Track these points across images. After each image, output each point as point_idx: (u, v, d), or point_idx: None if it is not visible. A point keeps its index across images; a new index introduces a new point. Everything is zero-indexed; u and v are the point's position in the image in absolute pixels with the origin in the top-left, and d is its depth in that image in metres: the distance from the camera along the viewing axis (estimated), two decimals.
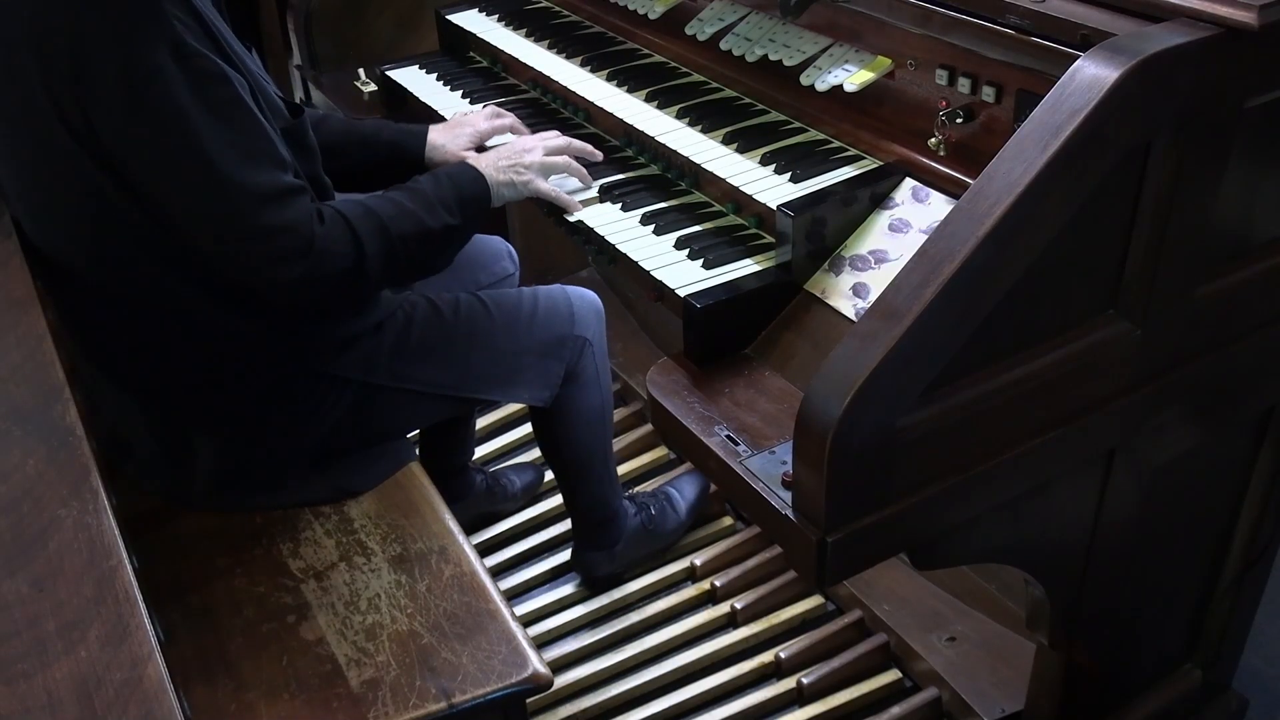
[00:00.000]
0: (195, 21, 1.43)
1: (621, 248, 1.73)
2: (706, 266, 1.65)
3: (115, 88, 1.38)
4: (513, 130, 2.03)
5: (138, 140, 1.41)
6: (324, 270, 1.51)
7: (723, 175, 1.74)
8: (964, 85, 1.58)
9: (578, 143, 1.91)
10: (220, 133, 1.42)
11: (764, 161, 1.75)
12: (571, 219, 1.82)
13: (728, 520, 2.50)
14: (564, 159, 1.85)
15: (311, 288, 1.53)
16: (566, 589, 2.38)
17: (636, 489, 2.49)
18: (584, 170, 1.88)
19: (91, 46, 1.38)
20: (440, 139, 1.95)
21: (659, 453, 2.68)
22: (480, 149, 1.97)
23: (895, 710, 2.07)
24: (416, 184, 1.68)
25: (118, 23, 1.37)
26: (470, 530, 2.42)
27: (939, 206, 1.58)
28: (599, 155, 1.92)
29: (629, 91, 2.03)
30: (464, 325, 1.85)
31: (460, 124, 2.01)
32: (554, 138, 1.89)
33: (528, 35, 2.35)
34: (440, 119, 2.18)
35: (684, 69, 2.10)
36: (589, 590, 2.36)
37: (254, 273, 1.50)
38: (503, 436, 2.74)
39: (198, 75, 1.40)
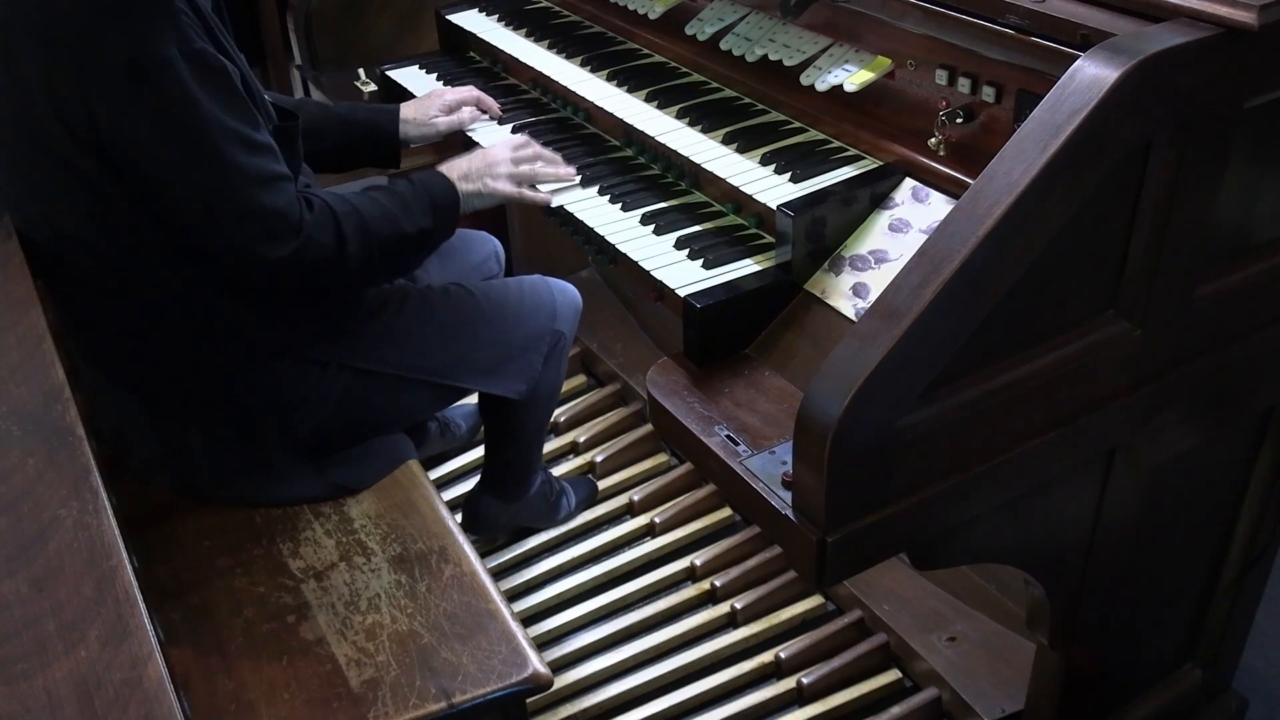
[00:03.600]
0: (199, 19, 1.48)
1: (621, 248, 1.73)
2: (706, 266, 1.65)
3: (122, 77, 1.42)
4: (479, 103, 2.13)
5: (141, 127, 1.45)
6: (309, 255, 1.58)
7: (723, 175, 1.74)
8: (964, 85, 1.58)
9: (547, 153, 1.92)
10: (222, 119, 1.48)
11: (764, 161, 1.75)
12: (574, 216, 1.83)
13: (728, 519, 2.51)
14: (530, 169, 1.88)
15: (295, 270, 1.58)
16: (566, 589, 2.37)
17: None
18: (559, 171, 1.90)
19: (100, 39, 1.42)
20: (412, 113, 2.06)
21: (660, 459, 2.68)
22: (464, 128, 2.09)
23: (895, 710, 2.07)
24: (395, 187, 1.75)
25: (129, 18, 1.42)
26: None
27: (939, 206, 1.58)
28: (571, 173, 1.91)
29: (629, 91, 2.04)
30: (452, 314, 1.90)
31: (429, 97, 2.11)
32: (523, 146, 1.90)
33: (528, 35, 2.35)
34: None
35: (684, 69, 2.10)
36: (587, 590, 2.37)
37: (244, 251, 1.55)
38: None
39: (202, 67, 1.46)
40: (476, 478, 2.63)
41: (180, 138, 1.46)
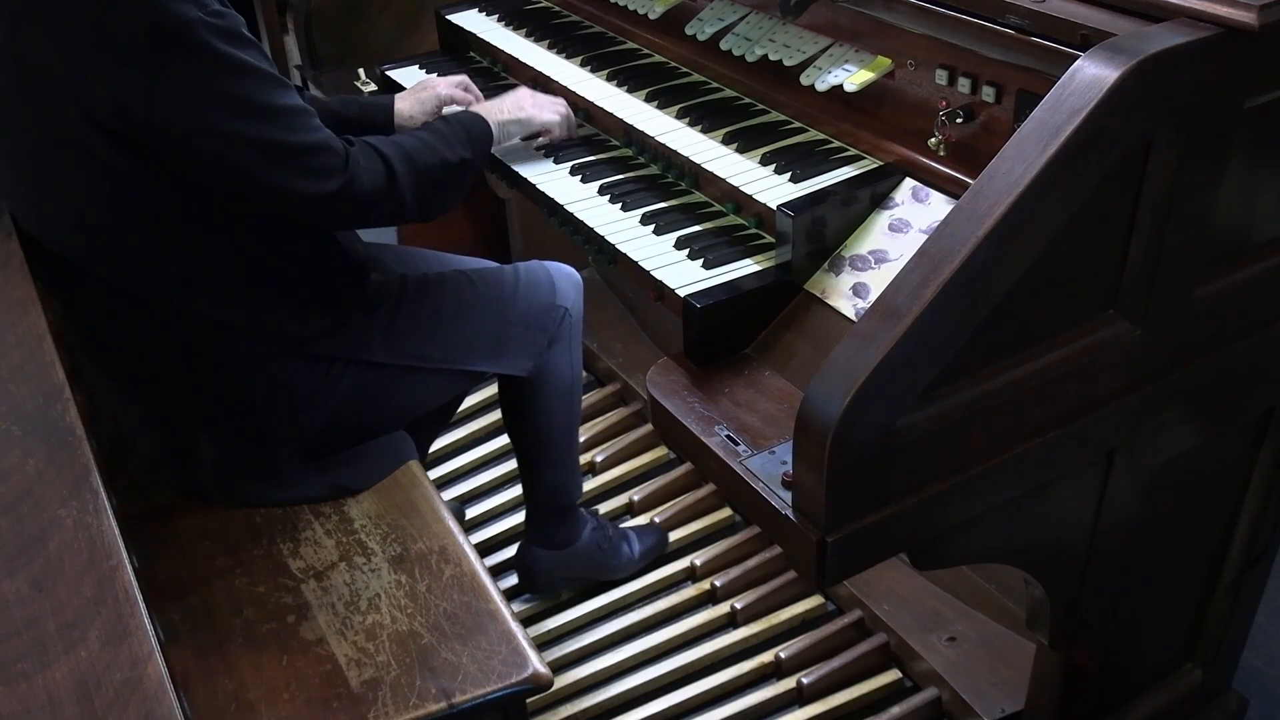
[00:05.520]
0: None
1: (621, 248, 1.73)
2: (706, 266, 1.65)
3: (145, 49, 1.42)
4: (475, 95, 2.13)
5: (175, 95, 1.45)
6: (361, 185, 1.61)
7: (723, 175, 1.74)
8: (964, 85, 1.58)
9: (567, 109, 2.05)
10: (252, 66, 1.50)
11: (764, 161, 1.75)
12: (574, 216, 1.83)
13: (728, 519, 2.51)
14: (555, 114, 2.01)
15: (350, 203, 1.61)
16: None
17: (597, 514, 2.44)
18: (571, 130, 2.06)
19: (117, 15, 1.42)
20: (407, 108, 2.05)
21: (659, 452, 2.68)
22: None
23: (895, 710, 2.07)
24: (429, 125, 1.84)
25: None
26: None
27: (939, 206, 1.58)
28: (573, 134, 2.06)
29: (629, 91, 2.04)
30: (451, 299, 1.91)
31: (422, 90, 2.10)
32: (547, 97, 2.05)
33: (528, 35, 2.35)
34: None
35: (684, 69, 2.10)
36: (586, 589, 2.36)
37: (296, 193, 1.56)
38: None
39: (222, 27, 1.47)
40: (478, 477, 2.65)
41: (215, 96, 1.47)
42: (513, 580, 2.38)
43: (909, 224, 1.59)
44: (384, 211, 1.68)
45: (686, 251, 1.69)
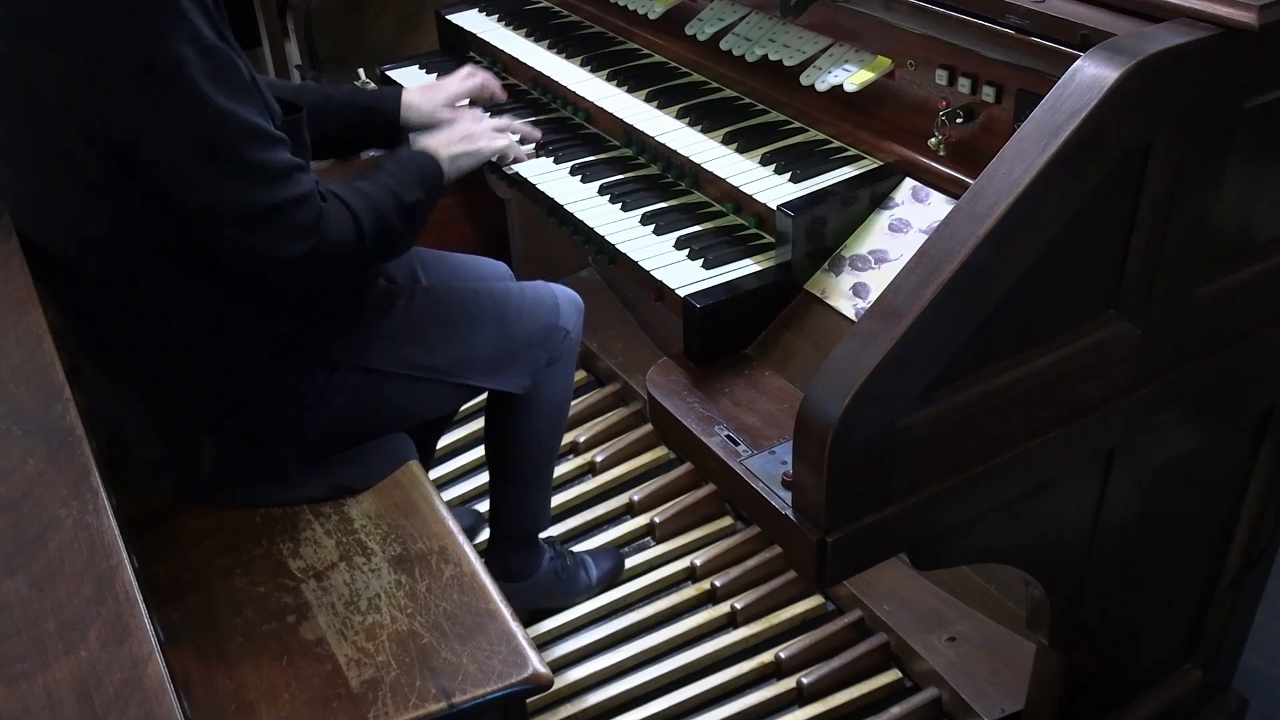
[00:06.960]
0: (203, 12, 1.48)
1: (621, 248, 1.73)
2: (706, 266, 1.65)
3: (133, 79, 1.41)
4: (485, 86, 2.14)
5: (157, 129, 1.44)
6: (329, 245, 1.57)
7: (723, 175, 1.74)
8: (964, 85, 1.58)
9: (519, 123, 2.06)
10: (238, 114, 1.47)
11: (764, 161, 1.75)
12: (574, 216, 1.83)
13: (727, 520, 2.50)
14: (506, 122, 2.03)
15: (317, 263, 1.57)
16: None
17: (556, 540, 2.43)
18: (530, 142, 2.04)
19: (109, 41, 1.41)
20: (417, 100, 2.05)
21: (659, 452, 2.68)
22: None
23: (895, 710, 2.07)
24: (381, 167, 1.77)
25: (141, 19, 1.40)
26: None
27: (939, 206, 1.58)
28: (538, 134, 2.05)
29: (629, 91, 2.04)
30: (457, 312, 1.91)
31: (435, 85, 2.10)
32: (496, 120, 2.04)
33: (528, 35, 2.35)
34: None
35: (684, 69, 2.10)
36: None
37: (266, 252, 1.54)
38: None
39: (213, 62, 1.45)
40: (476, 478, 2.64)
41: (197, 141, 1.45)
42: None
43: (909, 224, 1.59)
44: (343, 270, 1.65)
45: (686, 251, 1.69)
